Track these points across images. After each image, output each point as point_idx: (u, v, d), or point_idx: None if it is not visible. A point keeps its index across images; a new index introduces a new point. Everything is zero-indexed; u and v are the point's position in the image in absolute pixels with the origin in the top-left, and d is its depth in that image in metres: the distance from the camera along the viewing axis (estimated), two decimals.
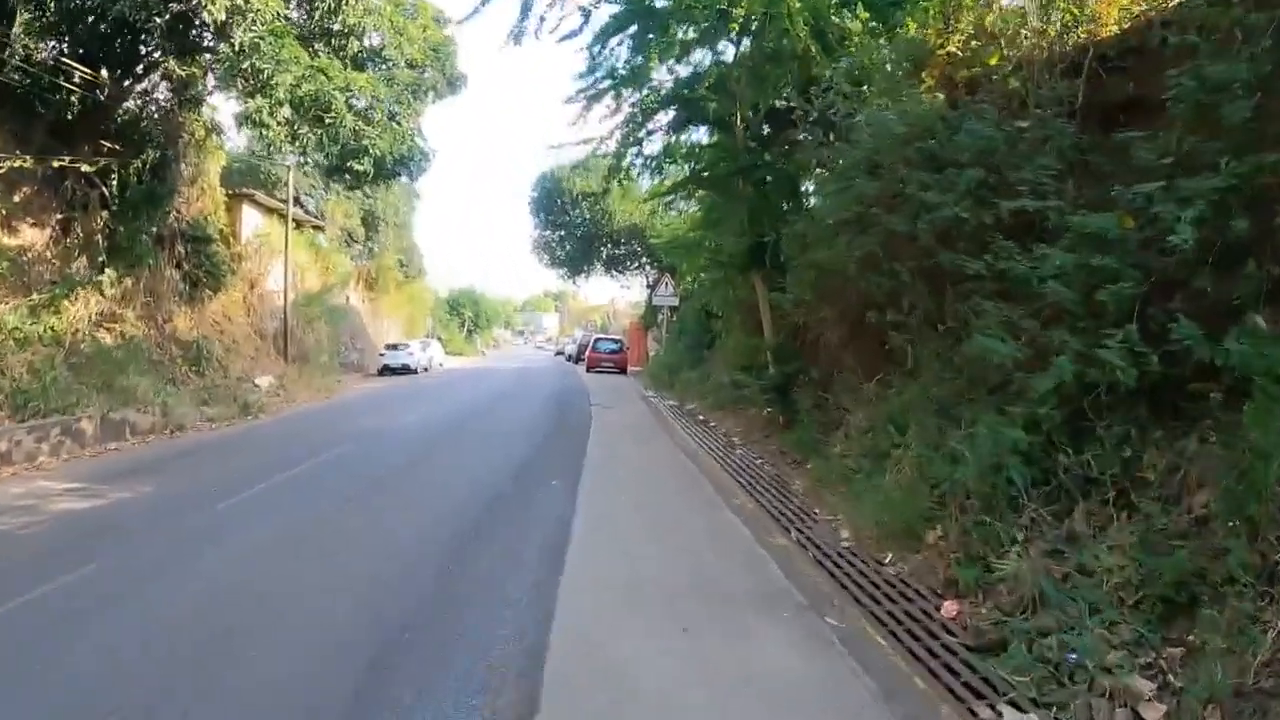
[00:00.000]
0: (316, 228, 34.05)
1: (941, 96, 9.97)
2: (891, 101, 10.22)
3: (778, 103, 12.04)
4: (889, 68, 10.41)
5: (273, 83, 13.35)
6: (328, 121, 14.04)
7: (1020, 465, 5.89)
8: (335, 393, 24.89)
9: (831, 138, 11.19)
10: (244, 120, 13.69)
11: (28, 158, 15.56)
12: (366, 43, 16.19)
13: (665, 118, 13.18)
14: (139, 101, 19.20)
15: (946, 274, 8.36)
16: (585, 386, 27.15)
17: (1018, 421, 6.16)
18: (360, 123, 14.96)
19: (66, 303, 16.01)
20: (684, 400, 19.02)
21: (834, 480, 8.33)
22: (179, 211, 21.13)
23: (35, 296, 15.63)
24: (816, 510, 7.94)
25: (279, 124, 13.62)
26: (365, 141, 15.09)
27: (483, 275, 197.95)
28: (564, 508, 8.36)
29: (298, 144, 14.48)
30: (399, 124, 16.22)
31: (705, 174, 13.94)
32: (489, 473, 10.43)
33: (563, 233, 41.21)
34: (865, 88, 11.18)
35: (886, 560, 6.52)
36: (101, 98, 17.07)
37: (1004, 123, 8.43)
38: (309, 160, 15.63)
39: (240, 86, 13.67)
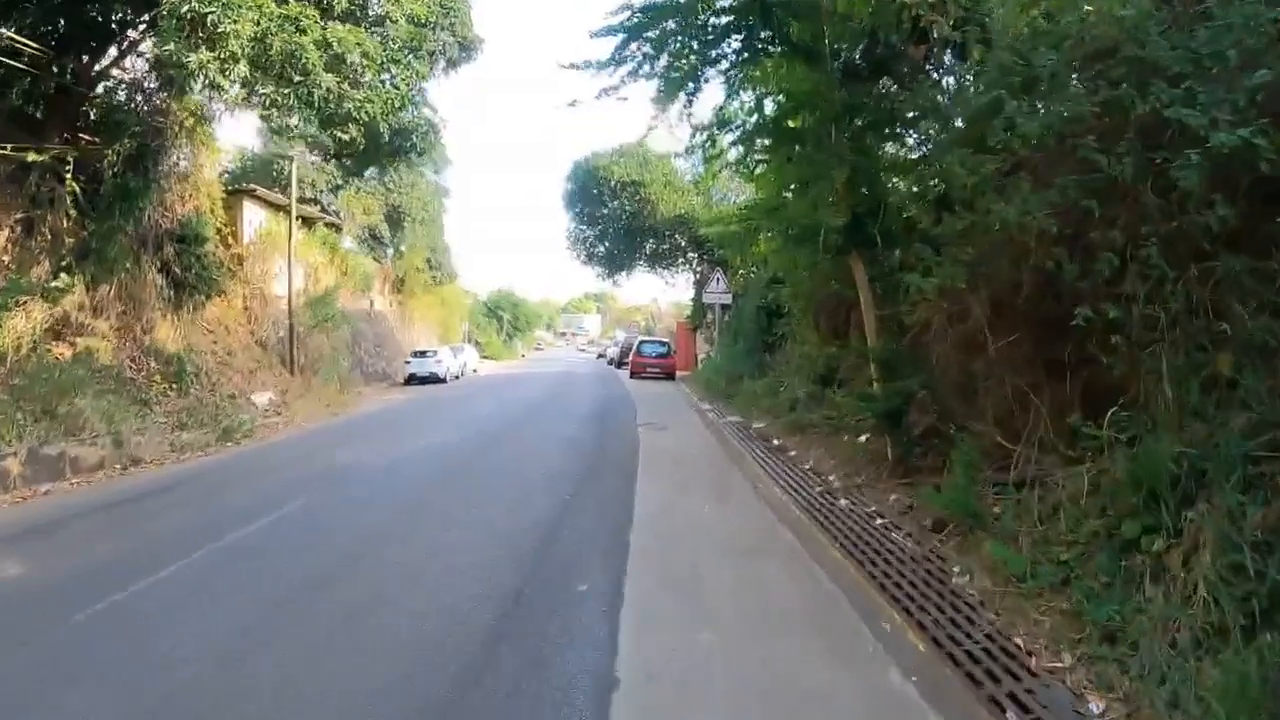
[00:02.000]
0: (332, 226, 31.39)
1: None
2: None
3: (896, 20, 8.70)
4: None
5: (221, 32, 10.45)
6: (296, 80, 11.09)
7: None
8: (347, 409, 22.18)
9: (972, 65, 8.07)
10: (187, 77, 10.78)
11: None
12: None
13: (729, 47, 9.83)
14: (125, 90, 16.83)
15: (1189, 243, 5.19)
16: (630, 396, 24.01)
17: None
18: (344, 84, 11.99)
19: (11, 313, 13.38)
20: (748, 417, 15.72)
21: (1037, 583, 5.10)
22: (167, 209, 18.75)
23: None
24: (1018, 640, 4.66)
25: (230, 82, 10.71)
26: (349, 105, 12.09)
27: (522, 277, 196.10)
28: (593, 672, 4.68)
29: (259, 105, 11.57)
30: (396, 87, 13.22)
31: (783, 125, 10.57)
32: (483, 568, 6.75)
33: (600, 227, 37.76)
34: None
35: None
36: (70, 82, 14.69)
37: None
38: (274, 123, 12.69)
39: (185, 40, 10.78)
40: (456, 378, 35.01)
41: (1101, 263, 5.26)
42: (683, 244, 35.80)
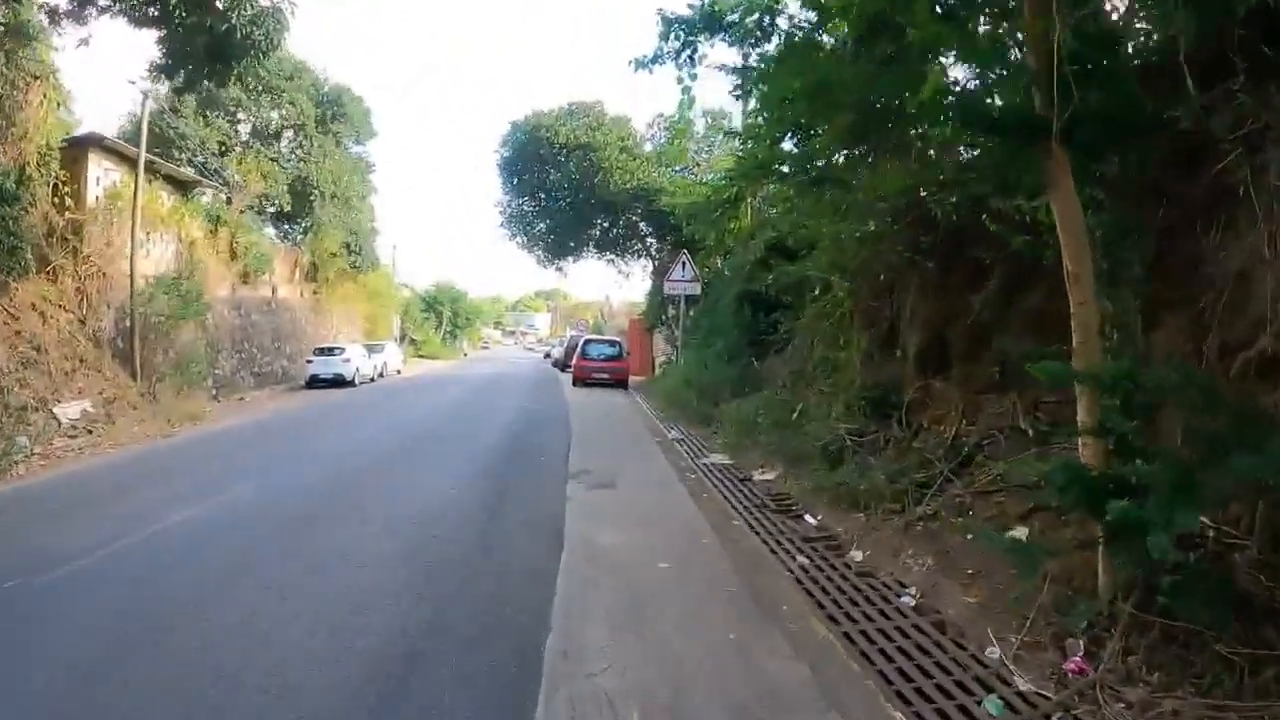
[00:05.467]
0: (224, 194, 25.77)
1: None
2: None
3: None
4: None
5: None
6: None
7: None
8: (198, 423, 16.74)
9: None
10: None
11: None
12: None
13: None
14: None
15: None
16: (566, 414, 17.97)
17: None
18: None
19: None
20: (742, 457, 10.47)
21: None
22: None
23: None
24: None
25: None
26: None
27: (469, 272, 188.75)
28: None
29: None
30: None
31: None
32: None
33: (541, 201, 31.28)
34: None
35: None
36: None
37: None
38: None
39: None
40: (372, 380, 29.77)
41: None
42: (639, 223, 30.12)
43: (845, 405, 8.63)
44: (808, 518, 7.35)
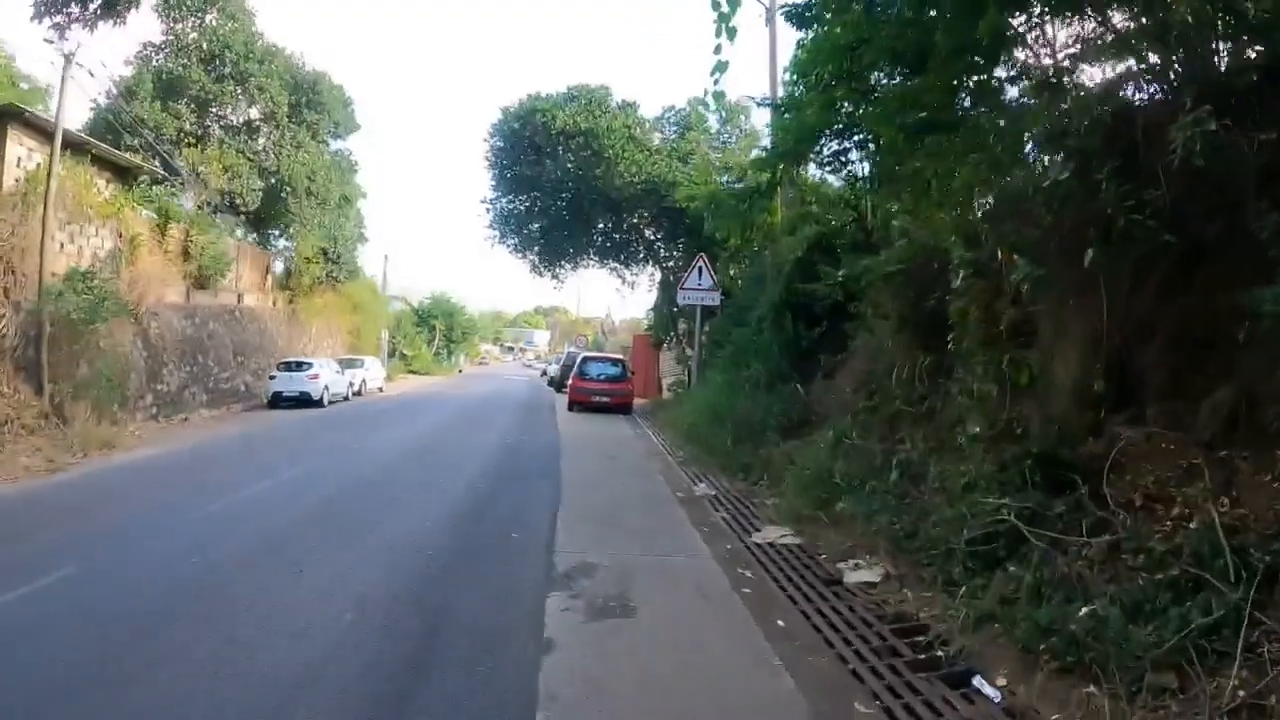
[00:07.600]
0: (161, 180, 22.72)
1: None
2: None
3: None
4: None
5: None
6: None
7: None
8: (110, 452, 13.69)
9: None
10: None
11: None
12: None
13: None
14: None
15: None
16: (558, 452, 14.23)
17: None
18: None
19: None
20: (805, 528, 7.35)
21: None
22: None
23: None
24: None
25: None
26: None
27: (470, 287, 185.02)
28: None
29: None
30: None
31: None
32: None
33: (538, 195, 26.96)
34: None
35: None
36: None
37: None
38: None
39: None
40: (346, 398, 26.82)
41: None
42: (645, 227, 26.70)
43: (1000, 465, 5.38)
44: (981, 685, 4.04)
